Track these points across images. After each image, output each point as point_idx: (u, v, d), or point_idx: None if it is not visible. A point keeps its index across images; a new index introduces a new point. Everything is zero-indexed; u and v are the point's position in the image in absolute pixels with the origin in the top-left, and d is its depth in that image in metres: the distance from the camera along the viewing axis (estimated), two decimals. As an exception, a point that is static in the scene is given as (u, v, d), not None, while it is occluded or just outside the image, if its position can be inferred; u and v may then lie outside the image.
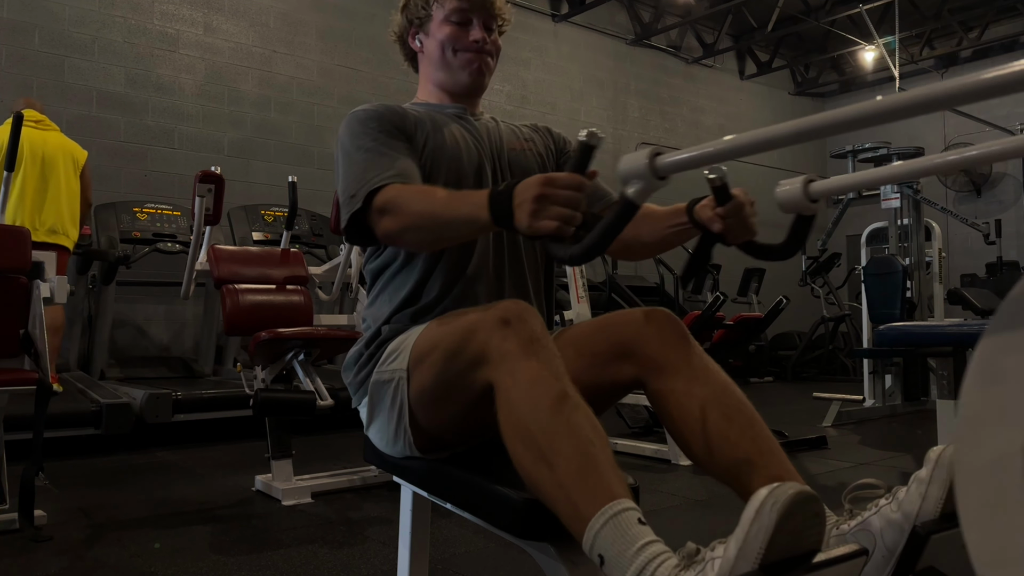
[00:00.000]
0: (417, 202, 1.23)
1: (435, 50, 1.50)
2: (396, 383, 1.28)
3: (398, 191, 1.27)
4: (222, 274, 3.30)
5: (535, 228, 1.04)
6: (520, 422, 1.06)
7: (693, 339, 1.27)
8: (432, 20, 1.50)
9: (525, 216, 1.05)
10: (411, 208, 1.23)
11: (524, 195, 1.05)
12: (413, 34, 1.55)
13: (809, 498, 0.86)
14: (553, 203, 1.04)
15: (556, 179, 1.04)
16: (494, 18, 1.52)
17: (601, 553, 0.95)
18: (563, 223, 1.03)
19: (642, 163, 0.96)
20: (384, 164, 1.32)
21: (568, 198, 1.04)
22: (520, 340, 1.09)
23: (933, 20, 8.86)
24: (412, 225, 1.23)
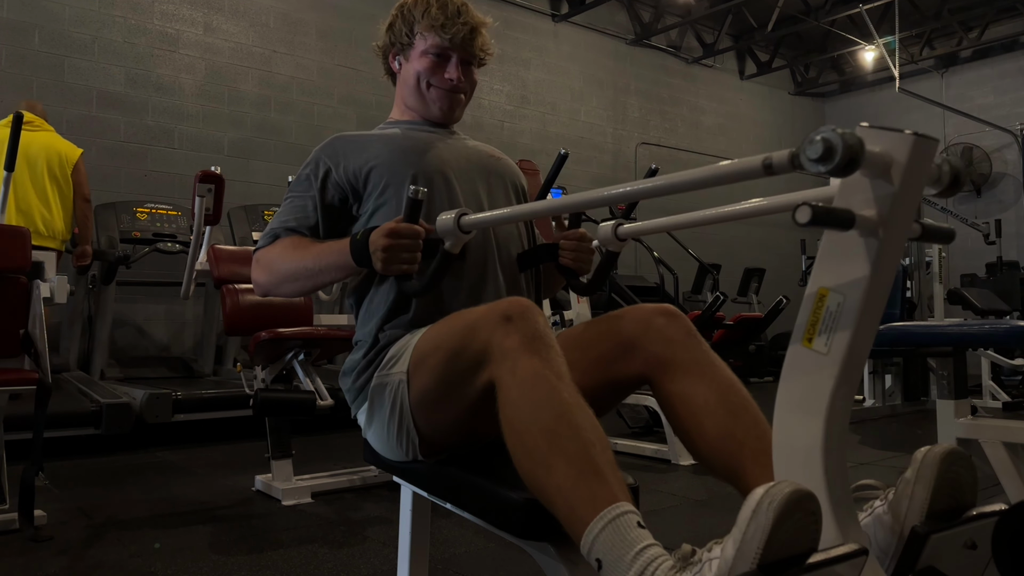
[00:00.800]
0: (287, 258, 1.41)
1: (411, 78, 1.55)
2: (396, 387, 1.27)
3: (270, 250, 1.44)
4: (222, 274, 3.30)
5: (388, 271, 1.29)
6: (520, 421, 1.06)
7: (699, 335, 1.27)
8: (413, 48, 1.53)
9: (379, 263, 1.28)
10: (280, 264, 1.41)
11: (376, 245, 1.27)
12: (394, 55, 1.58)
13: (806, 496, 0.86)
14: (398, 251, 1.26)
15: (399, 230, 1.26)
16: (474, 56, 1.55)
17: (599, 557, 0.95)
18: (407, 265, 1.28)
19: (451, 223, 1.25)
20: (285, 215, 1.47)
21: (409, 246, 1.27)
22: (522, 337, 1.09)
23: (933, 20, 8.85)
24: (283, 278, 1.42)
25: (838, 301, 0.92)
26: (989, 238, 7.71)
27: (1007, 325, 2.39)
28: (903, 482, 1.04)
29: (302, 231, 1.46)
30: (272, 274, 1.43)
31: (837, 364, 0.92)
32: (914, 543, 1.01)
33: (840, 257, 0.92)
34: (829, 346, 0.93)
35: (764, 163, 0.86)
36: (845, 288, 0.92)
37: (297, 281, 1.40)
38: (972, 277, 7.77)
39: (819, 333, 0.93)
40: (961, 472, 1.06)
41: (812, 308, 0.94)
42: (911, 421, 5.06)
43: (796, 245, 7.93)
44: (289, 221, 1.46)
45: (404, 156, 1.48)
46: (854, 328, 0.92)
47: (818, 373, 0.94)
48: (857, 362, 0.94)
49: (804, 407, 0.95)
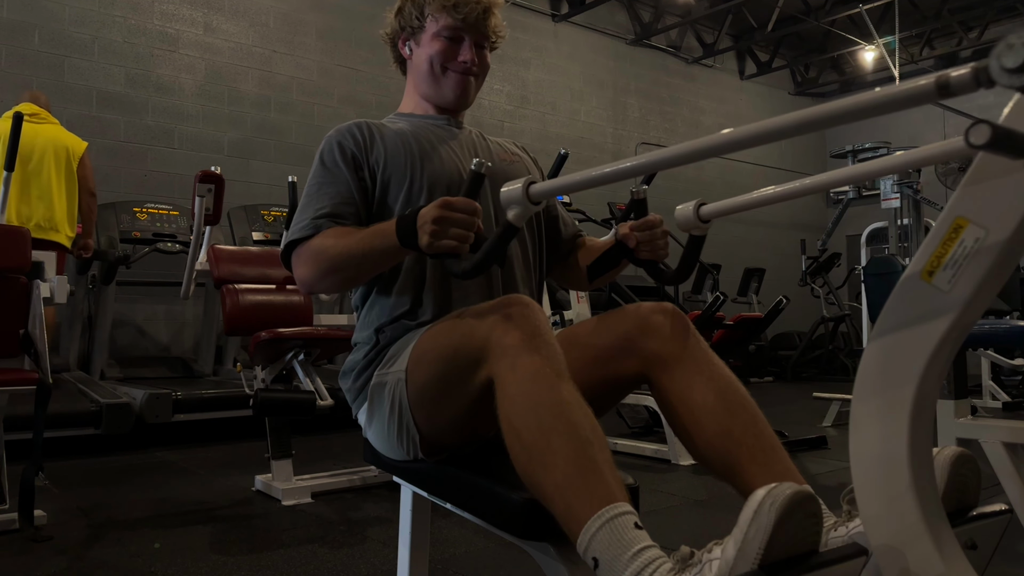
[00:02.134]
0: (331, 248, 1.30)
1: (423, 63, 1.49)
2: (395, 385, 1.27)
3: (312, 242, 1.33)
4: (222, 274, 3.30)
5: (435, 247, 1.13)
6: (519, 418, 1.06)
7: (698, 334, 1.27)
8: (424, 32, 1.48)
9: (426, 236, 1.13)
10: (326, 255, 1.31)
11: (426, 217, 1.13)
12: (404, 40, 1.53)
13: (807, 498, 0.86)
14: (451, 225, 1.12)
15: (453, 203, 1.13)
16: (487, 37, 1.50)
17: (596, 556, 0.95)
18: (458, 242, 1.12)
19: (519, 192, 1.10)
20: (315, 206, 1.37)
21: (463, 221, 1.13)
22: (522, 334, 1.09)
23: (933, 20, 8.86)
24: (329, 269, 1.31)
25: (977, 236, 0.79)
26: (989, 238, 7.69)
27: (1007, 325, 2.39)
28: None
29: (343, 219, 1.36)
30: (317, 266, 1.32)
31: (957, 307, 0.80)
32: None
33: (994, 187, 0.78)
34: (953, 283, 0.80)
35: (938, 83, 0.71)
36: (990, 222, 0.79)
37: (340, 272, 1.30)
38: (972, 277, 7.76)
39: (944, 267, 0.81)
40: (968, 475, 1.06)
41: (943, 238, 0.80)
42: (911, 421, 5.05)
43: (796, 245, 7.93)
44: (325, 208, 1.36)
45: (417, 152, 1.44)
46: (987, 271, 0.79)
47: (931, 312, 0.81)
48: (975, 313, 0.81)
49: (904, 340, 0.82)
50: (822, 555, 0.91)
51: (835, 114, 0.79)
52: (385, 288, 1.41)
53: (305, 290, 1.38)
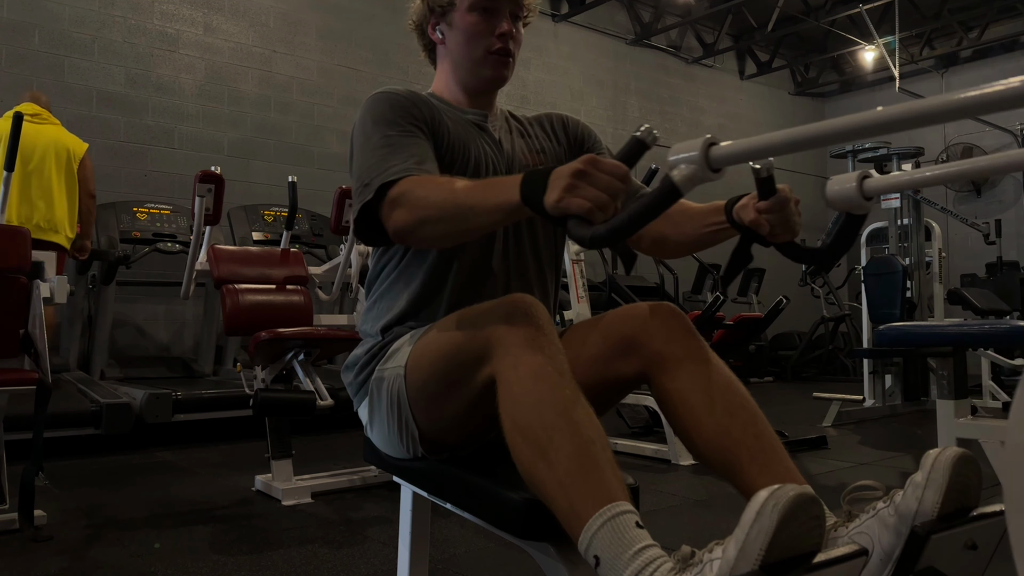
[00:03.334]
0: (436, 192, 1.15)
1: (458, 42, 1.42)
2: (394, 380, 1.27)
3: (415, 182, 1.18)
4: (222, 274, 3.30)
5: (564, 205, 0.95)
6: (522, 416, 1.06)
7: (698, 333, 1.26)
8: (456, 9, 1.41)
9: (558, 191, 0.96)
10: (429, 199, 1.15)
11: (563, 171, 0.97)
12: (434, 24, 1.46)
13: (810, 500, 0.86)
14: (591, 184, 0.95)
15: (600, 162, 0.96)
16: (521, 7, 1.43)
17: (597, 554, 0.95)
18: (595, 207, 0.94)
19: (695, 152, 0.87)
20: (404, 153, 1.24)
21: (608, 184, 0.95)
22: (525, 333, 1.08)
23: (933, 20, 8.85)
24: (430, 217, 1.14)
25: None
26: (989, 238, 7.71)
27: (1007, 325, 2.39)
28: (913, 485, 1.04)
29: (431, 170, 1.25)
30: (417, 211, 1.16)
31: None
32: (914, 544, 1.01)
33: None
34: None
35: None
36: None
37: (443, 222, 1.14)
38: (972, 277, 7.78)
39: None
40: (970, 476, 1.06)
41: None
42: (911, 421, 5.06)
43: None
44: (412, 159, 1.23)
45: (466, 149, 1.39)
46: None
47: None
48: None
49: None
50: (823, 556, 0.91)
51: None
52: (398, 282, 1.39)
53: (399, 239, 1.22)
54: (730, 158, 0.88)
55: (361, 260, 3.99)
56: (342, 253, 3.98)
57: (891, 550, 1.03)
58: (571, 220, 0.96)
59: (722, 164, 0.88)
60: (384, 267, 1.42)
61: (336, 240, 5.27)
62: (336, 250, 5.01)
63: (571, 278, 4.08)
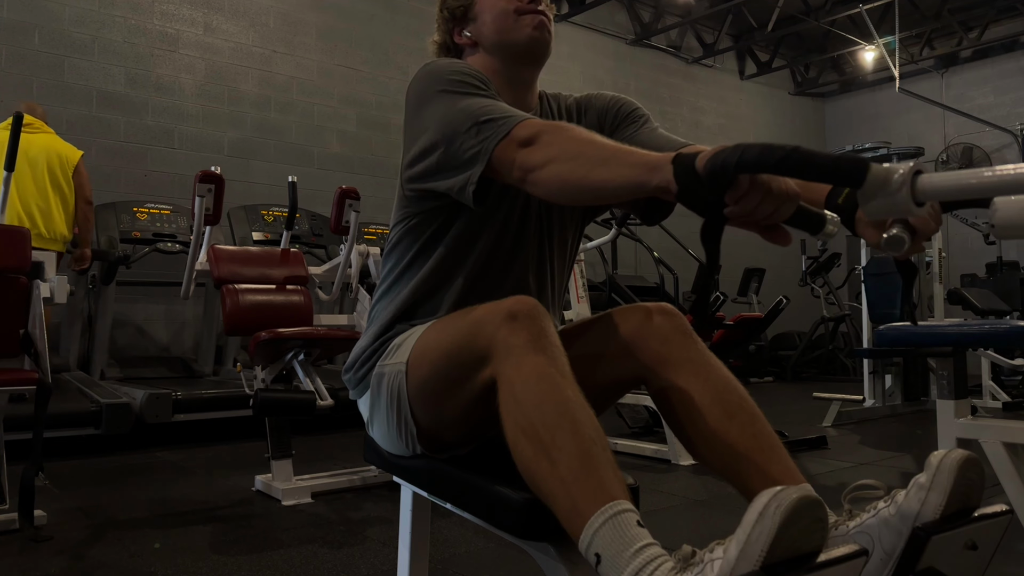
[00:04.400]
0: (575, 137, 1.07)
1: (488, 23, 1.39)
2: (394, 377, 1.27)
3: (549, 125, 1.11)
4: (222, 274, 3.30)
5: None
6: (524, 415, 1.06)
7: (696, 334, 1.27)
8: (476, 3, 1.40)
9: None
10: (568, 137, 1.07)
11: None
12: (459, 31, 1.44)
13: (813, 503, 0.86)
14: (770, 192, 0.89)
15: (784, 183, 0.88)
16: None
17: (598, 552, 0.95)
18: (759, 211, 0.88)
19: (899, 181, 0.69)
20: (502, 106, 1.17)
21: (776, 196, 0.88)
22: (528, 334, 1.09)
23: (933, 20, 8.86)
24: (566, 154, 1.05)
25: None
26: (989, 238, 7.71)
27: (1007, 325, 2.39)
28: (917, 486, 1.04)
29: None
30: (552, 147, 1.07)
31: None
32: (915, 544, 1.01)
33: None
34: None
35: None
36: None
37: (576, 161, 1.04)
38: (972, 277, 7.78)
39: None
40: (974, 478, 1.06)
41: None
42: (911, 421, 5.06)
43: (796, 245, 7.93)
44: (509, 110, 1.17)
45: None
46: None
47: None
48: None
49: None
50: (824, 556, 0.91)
51: None
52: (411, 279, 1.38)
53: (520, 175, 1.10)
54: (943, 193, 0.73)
55: (361, 260, 3.99)
56: (342, 253, 3.98)
57: (892, 550, 1.03)
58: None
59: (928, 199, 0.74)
60: (393, 261, 1.41)
61: (336, 240, 5.27)
62: (336, 250, 5.01)
63: (571, 278, 4.08)
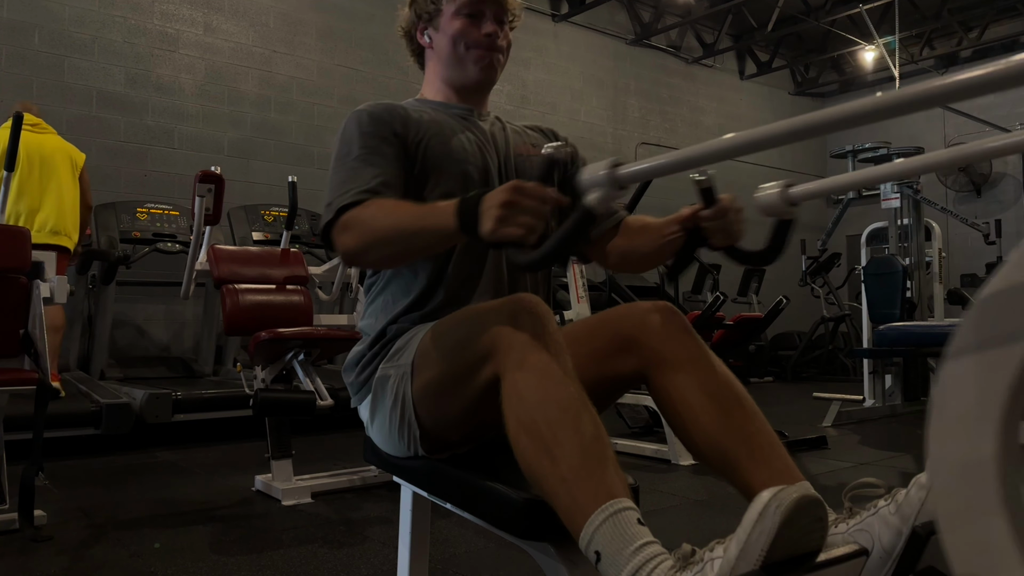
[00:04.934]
0: (382, 218, 1.21)
1: (445, 45, 1.46)
2: (399, 378, 1.27)
3: (364, 209, 1.25)
4: (222, 274, 3.30)
5: (499, 234, 1.03)
6: (527, 413, 1.06)
7: (695, 332, 1.27)
8: (442, 15, 1.46)
9: (491, 221, 1.03)
10: (375, 224, 1.22)
11: (492, 201, 1.04)
12: (422, 29, 1.50)
13: (813, 502, 0.86)
14: (520, 211, 1.03)
15: (525, 187, 1.04)
16: (506, 12, 1.47)
17: (598, 550, 0.95)
18: (527, 231, 1.03)
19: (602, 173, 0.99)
20: (364, 176, 1.29)
21: (535, 208, 1.03)
22: (531, 332, 1.09)
23: (933, 20, 8.86)
24: (377, 241, 1.21)
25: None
26: (989, 238, 7.70)
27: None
28: (917, 485, 1.04)
29: (391, 193, 1.30)
30: (364, 236, 1.23)
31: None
32: (915, 543, 1.01)
33: None
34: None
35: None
36: None
37: (389, 245, 1.21)
38: (972, 277, 7.78)
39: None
40: None
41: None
42: (911, 421, 5.06)
43: (796, 245, 7.93)
44: (373, 181, 1.29)
45: (450, 147, 1.41)
46: None
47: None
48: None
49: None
50: (823, 556, 0.91)
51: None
52: (398, 279, 1.39)
53: (348, 262, 1.29)
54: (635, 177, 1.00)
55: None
56: (342, 253, 3.97)
57: (891, 549, 1.03)
58: (508, 247, 1.05)
59: (628, 182, 1.00)
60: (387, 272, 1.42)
61: (336, 240, 5.26)
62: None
63: (571, 278, 4.08)
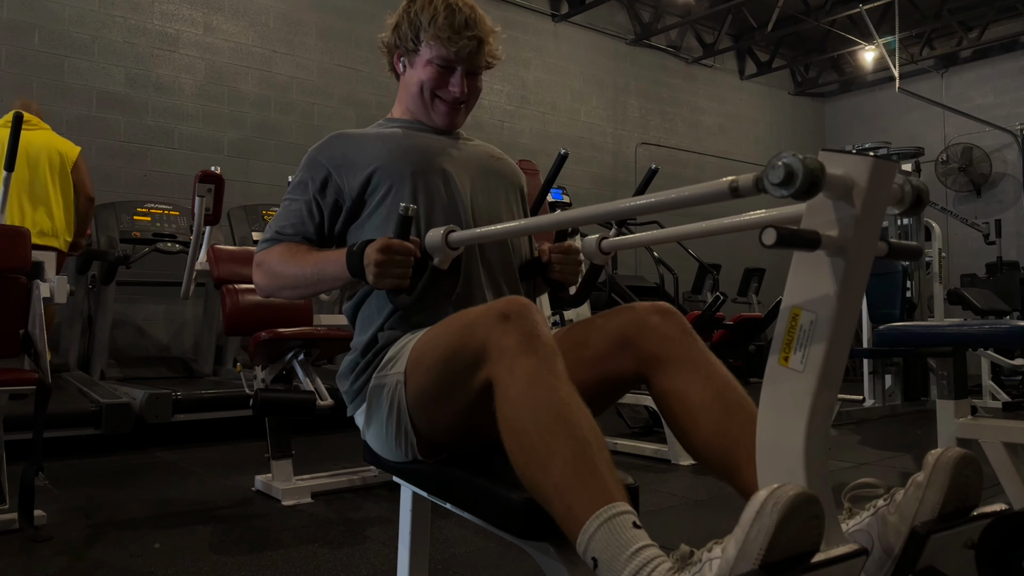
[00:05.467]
0: (285, 266, 1.43)
1: (414, 86, 1.52)
2: (394, 387, 1.27)
3: (269, 254, 1.45)
4: (222, 274, 3.30)
5: (380, 285, 1.30)
6: (517, 420, 1.06)
7: (695, 333, 1.27)
8: (419, 55, 1.50)
9: (371, 277, 1.29)
10: (280, 271, 1.43)
11: (368, 259, 1.29)
12: (398, 56, 1.56)
13: (809, 500, 0.86)
14: (390, 266, 1.28)
15: (392, 246, 1.28)
16: (480, 67, 1.52)
17: (595, 556, 0.95)
18: (399, 280, 1.29)
19: (439, 240, 1.32)
20: (283, 217, 1.48)
21: (400, 262, 1.29)
22: (520, 336, 1.09)
23: (933, 20, 8.85)
24: (282, 285, 1.44)
25: (811, 319, 0.94)
26: (989, 238, 7.71)
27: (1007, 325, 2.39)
28: (915, 485, 1.04)
29: (299, 238, 1.46)
30: (273, 279, 1.45)
31: (814, 380, 0.94)
32: (914, 543, 1.01)
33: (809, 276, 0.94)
34: (805, 363, 0.94)
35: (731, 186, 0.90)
36: (816, 306, 0.94)
37: (297, 288, 1.44)
38: (972, 277, 7.77)
39: (794, 351, 0.95)
40: (971, 476, 1.06)
41: (787, 327, 0.96)
42: (911, 421, 5.06)
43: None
44: (287, 227, 1.48)
45: (404, 156, 1.47)
46: (827, 344, 0.93)
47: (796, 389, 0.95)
48: (834, 375, 0.96)
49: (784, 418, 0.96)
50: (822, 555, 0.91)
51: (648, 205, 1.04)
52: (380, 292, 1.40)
53: (262, 295, 1.51)
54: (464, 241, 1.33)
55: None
56: (342, 253, 3.97)
57: (891, 548, 1.03)
58: (389, 293, 1.34)
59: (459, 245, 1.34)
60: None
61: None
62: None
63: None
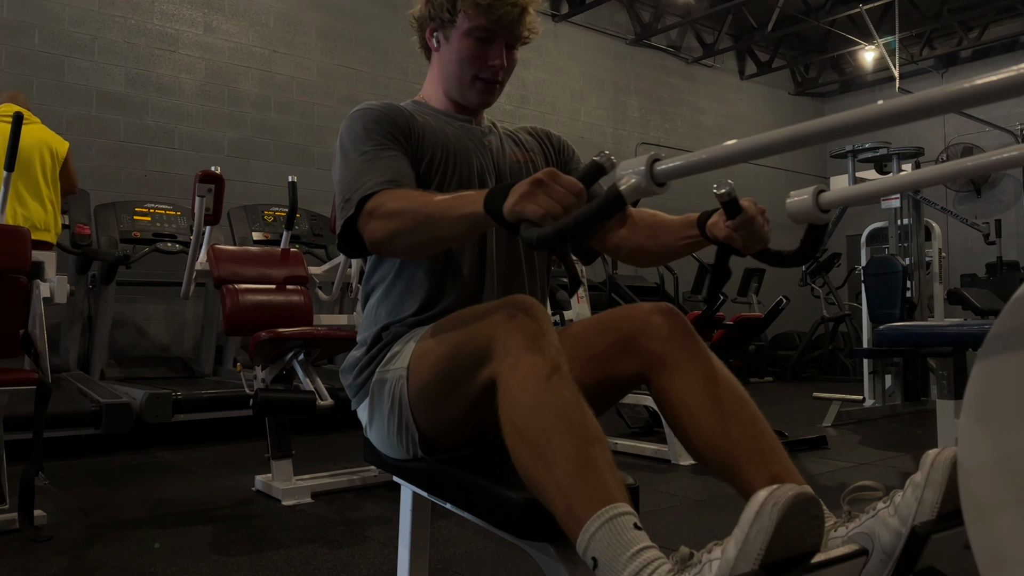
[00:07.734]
0: (408, 204, 1.20)
1: (451, 62, 1.43)
2: (396, 382, 1.27)
3: (389, 196, 1.24)
4: (222, 274, 3.30)
5: (519, 208, 1.01)
6: (520, 418, 1.06)
7: (696, 334, 1.27)
8: (455, 28, 1.41)
9: (515, 197, 1.02)
10: (402, 211, 1.20)
11: (524, 180, 1.04)
12: (432, 30, 1.46)
13: (809, 500, 0.86)
14: (547, 193, 1.01)
15: (559, 176, 1.02)
16: (519, 38, 1.43)
17: (595, 556, 0.95)
18: (545, 212, 1.00)
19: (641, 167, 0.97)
20: (380, 169, 1.28)
21: (563, 196, 1.01)
22: (525, 334, 1.09)
23: (933, 20, 8.86)
24: (403, 228, 1.19)
25: None
26: (989, 238, 7.71)
27: (1007, 325, 2.39)
28: (913, 485, 1.04)
29: (407, 185, 1.29)
30: (391, 224, 1.20)
31: None
32: (914, 543, 1.01)
33: None
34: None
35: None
36: None
37: (415, 232, 1.19)
38: (972, 277, 7.78)
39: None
40: None
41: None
42: (911, 421, 5.06)
43: (796, 245, 7.90)
44: (388, 173, 1.28)
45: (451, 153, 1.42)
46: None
47: None
48: None
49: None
50: (822, 556, 0.92)
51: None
52: (395, 285, 1.40)
53: (374, 250, 1.28)
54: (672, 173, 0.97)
55: (361, 261, 3.99)
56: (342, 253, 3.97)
57: (891, 550, 1.03)
58: (523, 223, 1.02)
59: (664, 179, 0.98)
60: (379, 273, 1.43)
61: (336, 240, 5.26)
62: (336, 250, 5.01)
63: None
